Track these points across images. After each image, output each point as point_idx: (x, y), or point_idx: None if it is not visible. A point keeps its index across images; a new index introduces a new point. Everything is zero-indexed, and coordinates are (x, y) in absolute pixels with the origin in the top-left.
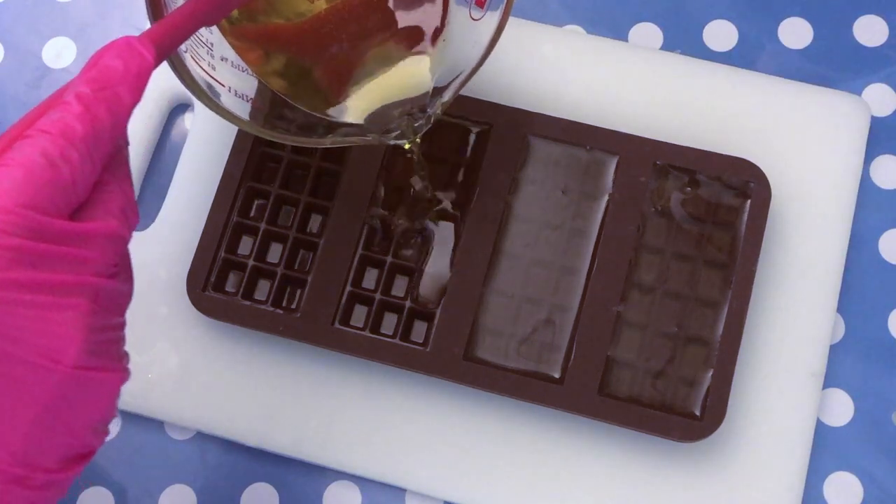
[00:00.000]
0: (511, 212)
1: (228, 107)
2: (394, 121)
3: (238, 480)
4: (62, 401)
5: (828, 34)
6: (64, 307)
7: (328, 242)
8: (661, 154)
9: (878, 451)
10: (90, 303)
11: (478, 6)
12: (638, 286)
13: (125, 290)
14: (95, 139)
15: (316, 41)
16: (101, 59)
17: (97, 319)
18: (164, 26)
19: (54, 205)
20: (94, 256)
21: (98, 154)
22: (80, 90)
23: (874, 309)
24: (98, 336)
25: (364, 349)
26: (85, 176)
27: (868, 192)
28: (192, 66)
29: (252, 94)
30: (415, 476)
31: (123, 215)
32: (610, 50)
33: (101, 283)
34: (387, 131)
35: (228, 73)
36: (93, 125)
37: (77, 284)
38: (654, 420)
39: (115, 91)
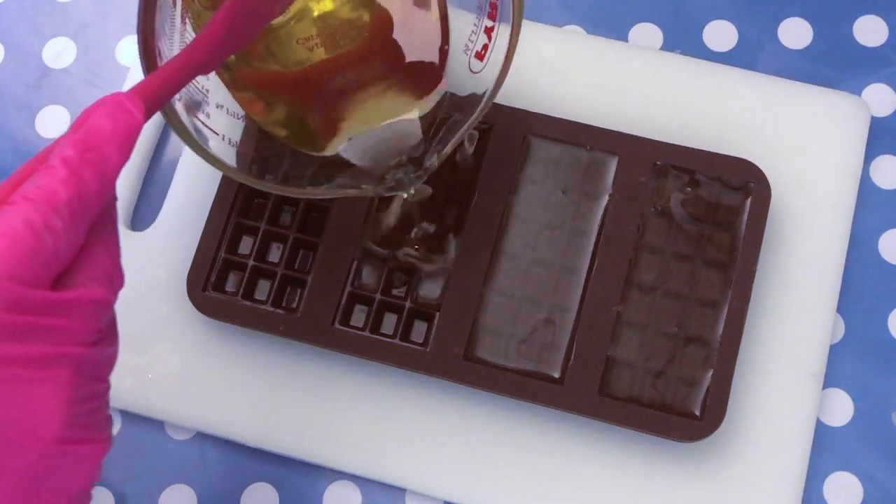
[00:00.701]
0: (511, 212)
1: (219, 154)
2: (389, 171)
3: (238, 480)
4: (41, 475)
5: (828, 34)
6: (44, 380)
7: (328, 242)
8: (661, 154)
9: (878, 451)
10: (72, 374)
11: (477, 59)
12: (638, 286)
13: (109, 355)
14: (81, 205)
15: (313, 89)
16: (89, 118)
17: (79, 390)
18: (156, 80)
19: (36, 275)
20: (77, 325)
21: (83, 220)
22: (65, 153)
23: (874, 309)
24: (80, 407)
25: (364, 349)
26: (69, 243)
27: (868, 192)
28: (182, 113)
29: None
30: (415, 476)
31: (108, 280)
32: (610, 50)
33: (83, 352)
34: (383, 182)
35: (223, 121)
36: (78, 190)
37: (58, 356)
38: (654, 420)
39: (101, 153)
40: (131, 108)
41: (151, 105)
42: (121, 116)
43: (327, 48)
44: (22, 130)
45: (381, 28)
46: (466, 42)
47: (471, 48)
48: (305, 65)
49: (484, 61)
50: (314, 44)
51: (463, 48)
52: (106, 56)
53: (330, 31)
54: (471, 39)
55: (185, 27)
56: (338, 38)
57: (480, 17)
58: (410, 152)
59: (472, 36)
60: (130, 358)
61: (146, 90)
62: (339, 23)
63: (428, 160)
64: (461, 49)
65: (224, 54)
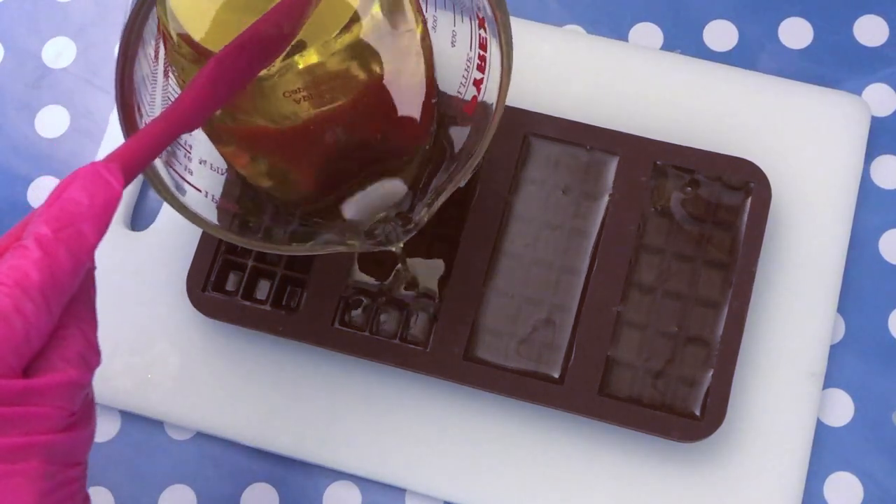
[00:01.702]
0: (511, 212)
1: (200, 209)
2: (377, 226)
3: (238, 480)
4: None
5: (828, 34)
6: (13, 474)
7: None
8: (661, 154)
9: (878, 451)
10: (43, 464)
11: (466, 112)
12: (638, 286)
13: (84, 437)
14: (54, 286)
15: (301, 145)
16: (64, 191)
17: (52, 479)
18: (137, 144)
19: (5, 363)
20: (48, 412)
21: (57, 301)
22: (39, 231)
23: (874, 309)
24: (53, 497)
25: (364, 349)
26: (41, 327)
27: (868, 192)
28: (161, 169)
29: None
30: (415, 476)
31: (82, 361)
32: (610, 50)
33: (55, 440)
34: (371, 237)
35: (206, 176)
36: (51, 272)
37: (28, 446)
38: (654, 420)
39: (77, 229)
40: (109, 178)
41: (131, 171)
42: (98, 189)
43: (313, 101)
44: (22, 130)
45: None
46: (458, 89)
47: (465, 82)
48: (292, 119)
49: (481, 95)
50: (301, 97)
51: (457, 90)
52: (106, 56)
53: (316, 84)
54: (459, 91)
55: (168, 82)
56: (324, 90)
57: (469, 69)
58: (397, 206)
59: (461, 88)
60: (130, 358)
61: (125, 156)
62: (326, 75)
63: (417, 215)
64: (455, 90)
65: (209, 111)
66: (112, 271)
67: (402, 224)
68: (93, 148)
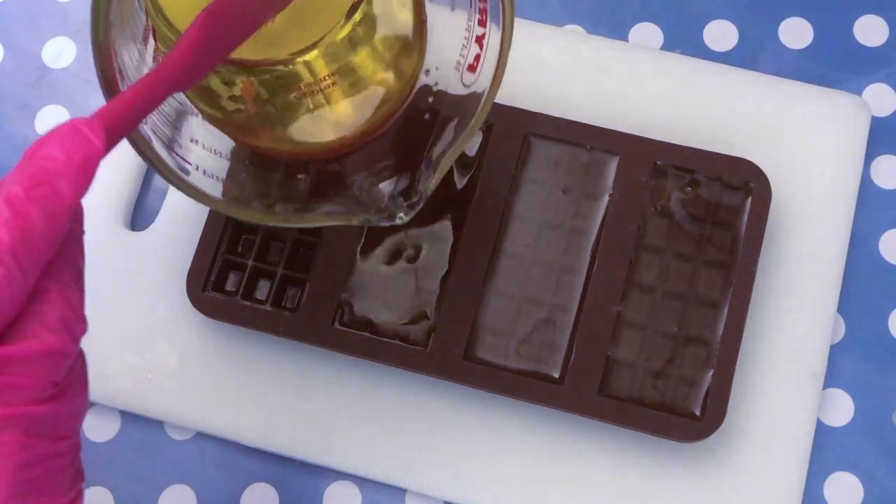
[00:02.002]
0: (511, 212)
1: (198, 185)
2: (385, 202)
3: (238, 480)
4: None
5: (828, 34)
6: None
7: (328, 242)
8: (661, 154)
9: (878, 451)
10: (21, 436)
11: (469, 72)
12: (638, 286)
13: (71, 409)
14: (27, 248)
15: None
16: (41, 147)
17: (31, 452)
18: (119, 104)
19: None
20: (26, 382)
21: (30, 264)
22: (10, 190)
23: (874, 309)
24: (33, 471)
25: (364, 349)
26: (13, 291)
27: (868, 192)
28: (158, 148)
29: (223, 175)
30: (415, 476)
31: (63, 328)
32: (610, 50)
33: (34, 411)
34: (377, 211)
35: (207, 159)
36: (23, 233)
37: (4, 418)
38: (654, 420)
39: (52, 187)
40: (88, 134)
41: (115, 130)
42: (77, 145)
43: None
44: (21, 130)
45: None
46: (458, 58)
47: (463, 63)
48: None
49: (476, 73)
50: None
51: (454, 65)
52: None
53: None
54: (462, 53)
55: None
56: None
57: (470, 28)
58: (398, 183)
59: (464, 49)
60: (130, 358)
61: (108, 114)
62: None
63: (421, 185)
64: (452, 66)
65: (202, 69)
66: (112, 271)
67: (403, 199)
68: None
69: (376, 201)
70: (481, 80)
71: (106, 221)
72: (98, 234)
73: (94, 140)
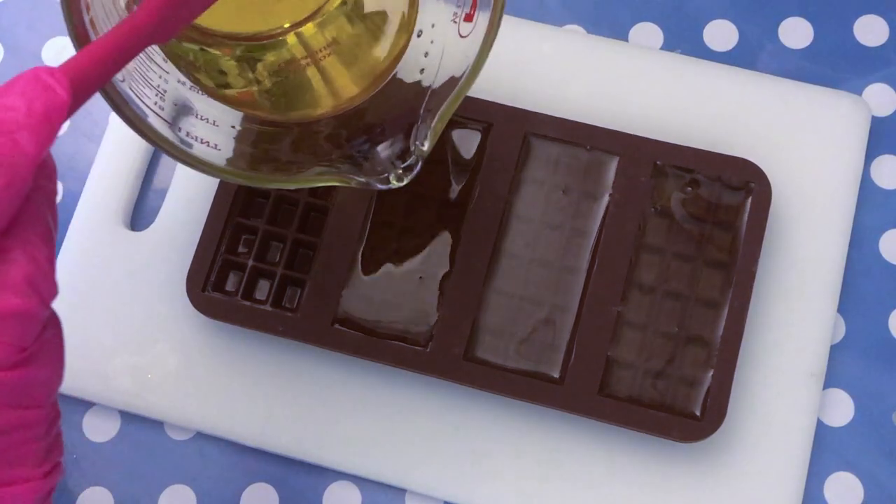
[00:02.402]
0: (511, 212)
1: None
2: (383, 165)
3: (238, 480)
4: None
5: (828, 34)
6: None
7: (328, 242)
8: (661, 154)
9: (878, 451)
10: None
11: (466, 22)
12: (638, 286)
13: (41, 377)
14: None
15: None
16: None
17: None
18: (87, 54)
19: None
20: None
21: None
22: None
23: (874, 309)
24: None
25: (364, 349)
26: None
27: (868, 192)
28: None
29: (221, 144)
30: (415, 476)
31: (30, 288)
32: (610, 50)
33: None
34: (376, 174)
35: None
36: None
37: None
38: (654, 420)
39: (11, 139)
40: (52, 83)
41: (82, 82)
42: (38, 94)
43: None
44: None
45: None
46: (454, 9)
47: (459, 14)
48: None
49: (473, 22)
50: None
51: (451, 17)
52: None
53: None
54: (458, 4)
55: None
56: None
57: None
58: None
59: (459, 0)
60: (130, 358)
61: (75, 64)
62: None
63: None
64: (449, 20)
65: (178, 21)
66: (112, 271)
67: (401, 160)
68: (93, 148)
69: (374, 164)
70: (478, 30)
71: (106, 221)
72: (98, 234)
73: (57, 90)
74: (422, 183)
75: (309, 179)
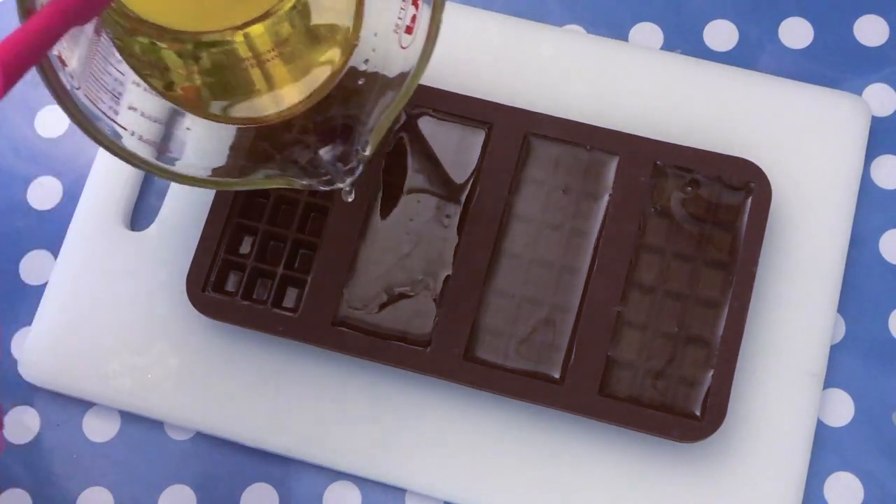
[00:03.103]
0: (511, 212)
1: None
2: (325, 166)
3: (238, 480)
4: None
5: (828, 34)
6: None
7: (328, 242)
8: (661, 154)
9: (879, 451)
10: None
11: (407, 34)
12: (638, 286)
13: None
14: None
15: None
16: None
17: None
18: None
19: None
20: None
21: None
22: None
23: (874, 309)
24: None
25: (364, 349)
26: None
27: (868, 192)
28: (88, 106)
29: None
30: (415, 476)
31: None
32: (610, 50)
33: None
34: (319, 176)
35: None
36: None
37: None
38: (654, 420)
39: None
40: None
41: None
42: None
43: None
44: (21, 130)
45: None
46: (396, 20)
47: (400, 25)
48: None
49: (413, 34)
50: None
51: (393, 27)
52: None
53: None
54: (399, 16)
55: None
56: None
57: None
58: (334, 149)
59: (401, 12)
60: (130, 358)
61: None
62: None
63: (359, 151)
64: (391, 29)
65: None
66: (112, 271)
67: (343, 163)
68: (93, 148)
69: (317, 167)
70: (418, 42)
71: (106, 221)
72: (98, 234)
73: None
74: (422, 183)
75: (256, 183)
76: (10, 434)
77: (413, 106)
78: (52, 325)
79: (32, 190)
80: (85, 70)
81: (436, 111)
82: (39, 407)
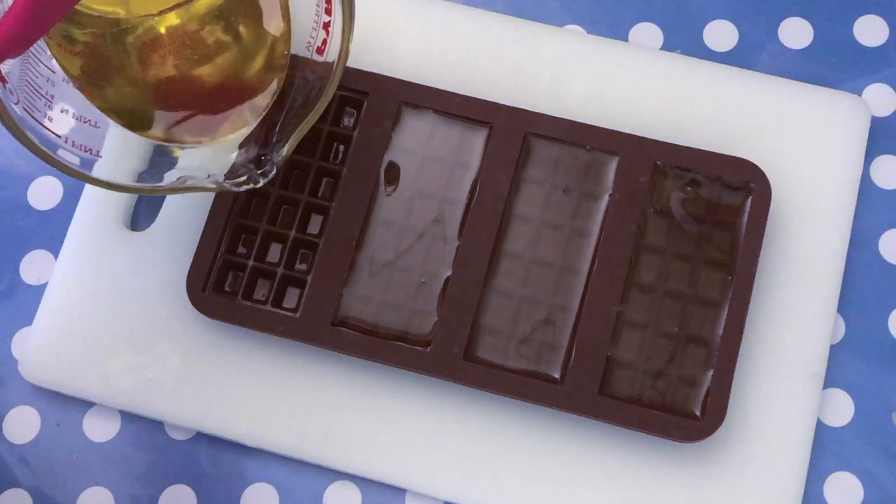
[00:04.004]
0: (511, 212)
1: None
2: (239, 168)
3: (238, 480)
4: None
5: (828, 34)
6: None
7: (328, 242)
8: (661, 154)
9: (878, 451)
10: None
11: (318, 54)
12: (638, 286)
13: None
14: None
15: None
16: None
17: None
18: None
19: None
20: None
21: None
22: None
23: (874, 309)
24: None
25: (364, 349)
26: None
27: (868, 192)
28: (23, 117)
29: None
30: (415, 476)
31: None
32: (610, 50)
33: None
34: (234, 178)
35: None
36: None
37: None
38: (654, 420)
39: None
40: None
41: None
42: None
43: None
44: None
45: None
46: (308, 39)
47: (312, 44)
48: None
49: (324, 56)
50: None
51: (305, 45)
52: None
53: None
54: (312, 36)
55: None
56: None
57: (319, 14)
58: (249, 151)
59: (313, 32)
60: (130, 358)
61: None
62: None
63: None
64: (304, 46)
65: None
66: (112, 271)
67: (255, 168)
68: None
69: (232, 171)
70: (329, 60)
71: (106, 221)
72: (98, 234)
73: None
74: (421, 183)
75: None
76: (11, 434)
77: (414, 105)
78: (52, 325)
79: (32, 190)
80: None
81: (436, 111)
82: (39, 407)
